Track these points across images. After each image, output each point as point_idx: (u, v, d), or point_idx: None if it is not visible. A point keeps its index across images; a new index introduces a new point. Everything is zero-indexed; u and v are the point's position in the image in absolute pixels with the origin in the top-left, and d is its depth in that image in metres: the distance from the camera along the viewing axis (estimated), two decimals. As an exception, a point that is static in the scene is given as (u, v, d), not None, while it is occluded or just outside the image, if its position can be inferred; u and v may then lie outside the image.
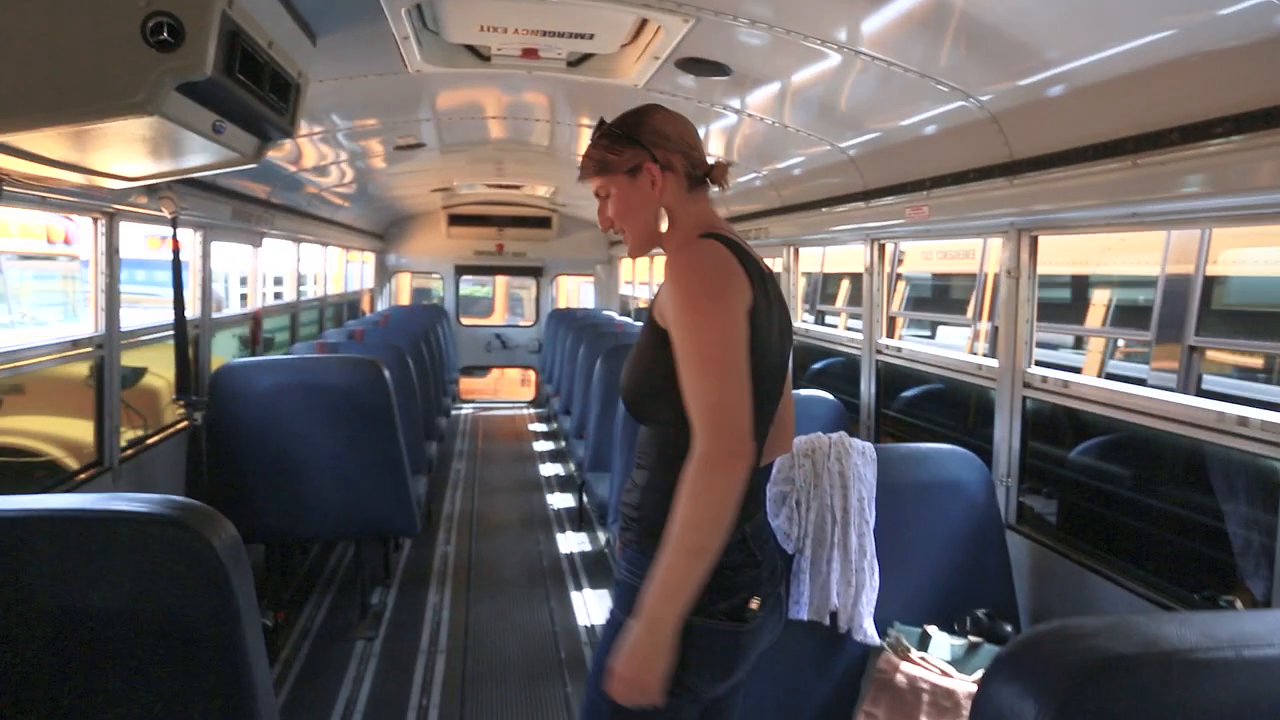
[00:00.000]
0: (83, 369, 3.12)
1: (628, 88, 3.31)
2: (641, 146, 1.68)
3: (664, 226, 1.73)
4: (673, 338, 1.54)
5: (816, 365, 4.72)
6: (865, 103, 2.92)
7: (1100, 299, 4.76)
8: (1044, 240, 2.73)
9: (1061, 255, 5.11)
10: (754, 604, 1.62)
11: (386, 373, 3.86)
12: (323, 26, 2.48)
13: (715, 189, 1.77)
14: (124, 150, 2.29)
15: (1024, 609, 2.58)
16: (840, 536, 2.36)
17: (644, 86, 3.22)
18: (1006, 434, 2.77)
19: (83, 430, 3.14)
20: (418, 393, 5.12)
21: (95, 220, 2.97)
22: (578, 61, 3.19)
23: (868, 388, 3.79)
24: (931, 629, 2.34)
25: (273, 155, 4.07)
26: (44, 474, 3.21)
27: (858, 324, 5.26)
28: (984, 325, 5.81)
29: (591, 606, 4.40)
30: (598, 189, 1.74)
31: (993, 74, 2.34)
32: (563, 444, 7.84)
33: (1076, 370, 4.52)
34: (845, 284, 6.91)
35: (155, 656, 1.50)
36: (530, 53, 3.04)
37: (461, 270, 9.99)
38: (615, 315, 8.95)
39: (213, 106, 2.05)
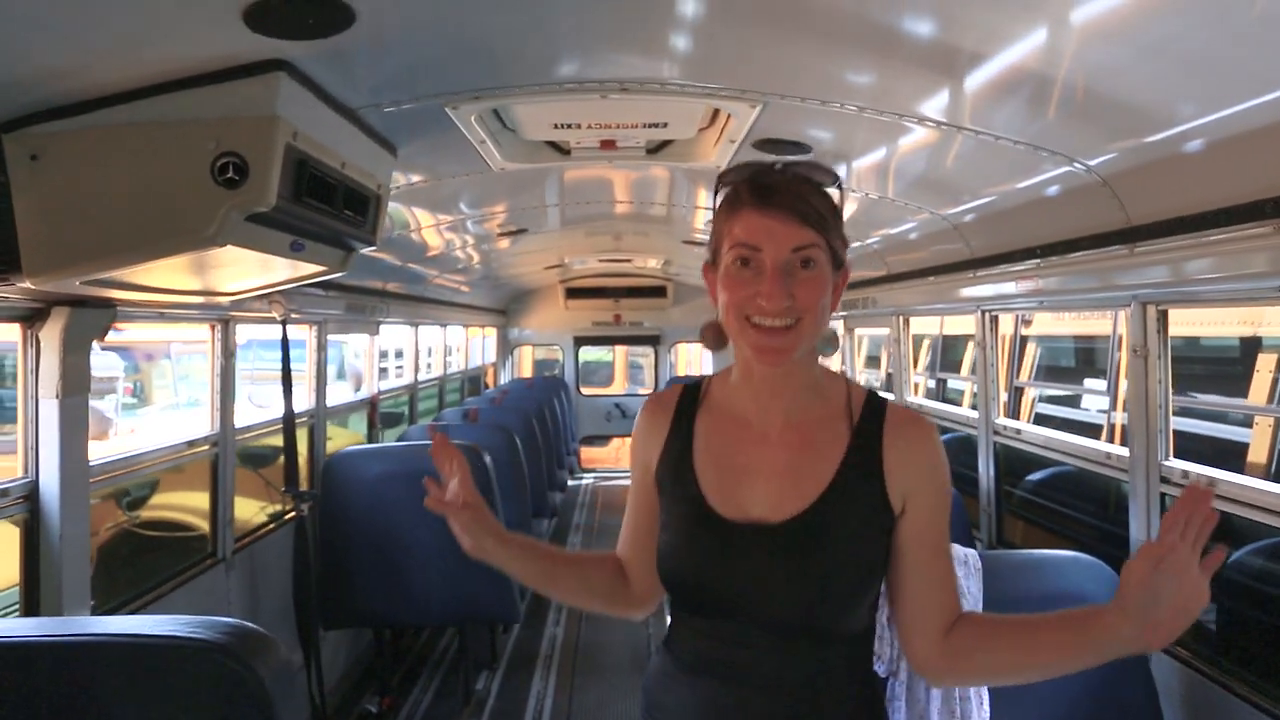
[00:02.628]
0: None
1: (711, 169, 3.26)
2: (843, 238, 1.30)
3: None
4: (925, 528, 1.31)
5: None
6: (956, 170, 2.71)
7: (1266, 365, 4.15)
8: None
9: (1226, 315, 4.52)
10: None
11: (487, 457, 3.91)
12: (401, 140, 2.58)
13: None
14: (219, 273, 2.45)
15: (1177, 748, 2.19)
16: (941, 659, 2.10)
17: (725, 168, 3.15)
18: (1144, 535, 2.41)
19: (203, 516, 3.34)
20: (526, 472, 5.17)
21: (213, 327, 3.21)
22: (657, 149, 3.17)
23: (986, 471, 3.45)
24: (1057, 774, 2.02)
25: (380, 251, 4.31)
26: (173, 558, 3.42)
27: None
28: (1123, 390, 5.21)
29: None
30: (807, 249, 1.23)
31: (1097, 136, 2.11)
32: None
33: (1242, 448, 3.94)
34: (971, 348, 6.44)
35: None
36: (608, 144, 3.05)
37: (580, 341, 10.17)
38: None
39: (288, 229, 2.16)
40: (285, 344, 3.41)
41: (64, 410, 2.24)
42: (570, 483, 9.32)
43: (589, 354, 10.73)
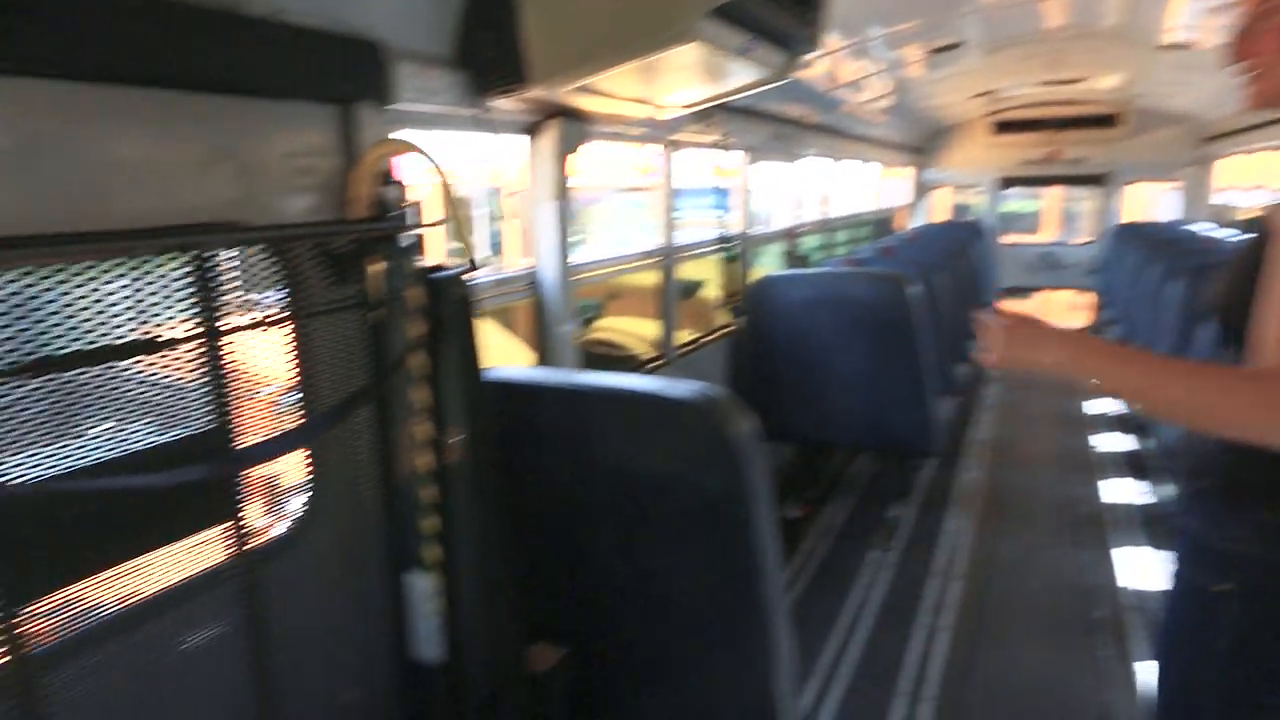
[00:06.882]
0: (655, 284, 3.77)
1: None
2: None
3: None
4: None
5: None
6: None
7: None
8: None
9: None
10: None
11: (907, 289, 3.77)
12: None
13: None
14: (670, 80, 2.60)
15: None
16: None
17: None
18: None
19: (650, 329, 3.83)
20: (944, 312, 4.89)
21: (666, 146, 3.51)
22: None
23: None
24: None
25: (806, 75, 4.23)
26: (629, 360, 4.01)
27: None
28: None
29: (1136, 567, 3.75)
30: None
31: None
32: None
33: None
34: None
35: (681, 520, 1.75)
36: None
37: (1008, 183, 9.09)
38: (1203, 231, 7.15)
39: (741, 26, 2.18)
40: (723, 170, 3.59)
41: (555, 211, 2.65)
42: None
43: (1009, 204, 9.57)
